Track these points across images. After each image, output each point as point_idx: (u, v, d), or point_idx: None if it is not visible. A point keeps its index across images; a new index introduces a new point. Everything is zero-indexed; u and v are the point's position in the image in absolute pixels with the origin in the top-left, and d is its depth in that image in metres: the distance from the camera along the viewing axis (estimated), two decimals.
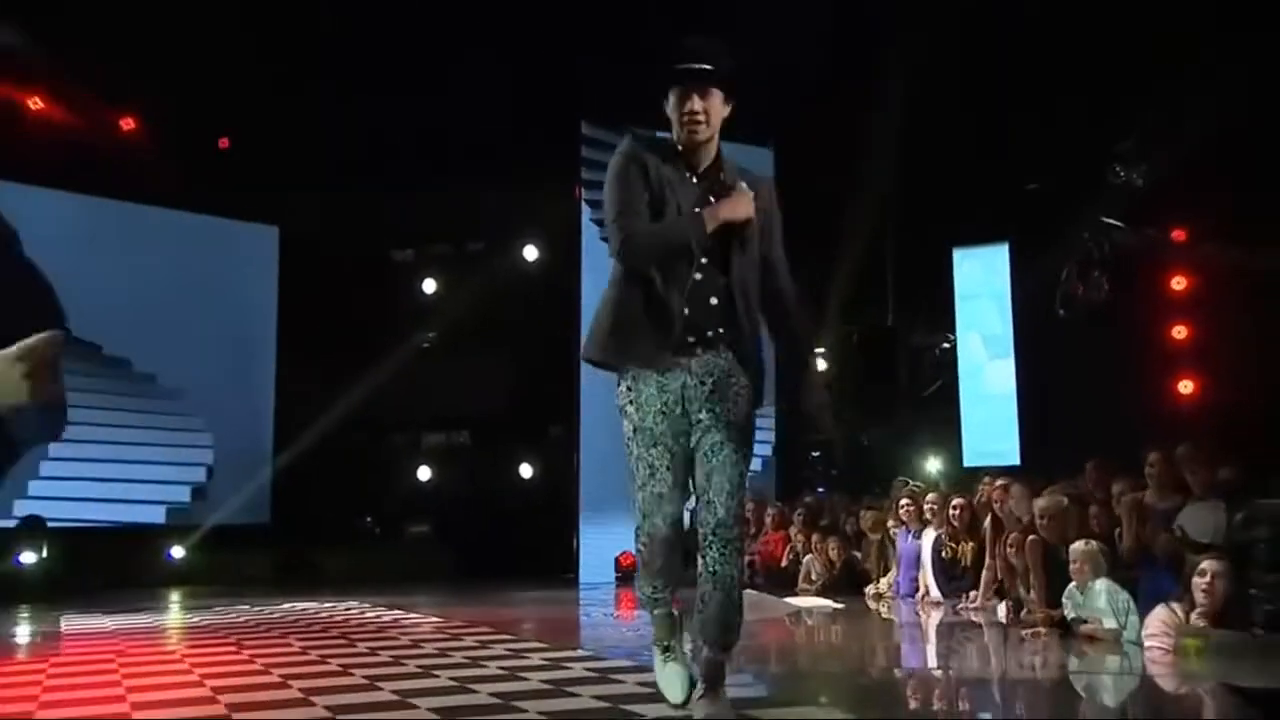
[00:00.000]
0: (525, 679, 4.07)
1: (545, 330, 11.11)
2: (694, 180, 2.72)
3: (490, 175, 10.92)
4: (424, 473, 12.12)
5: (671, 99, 2.66)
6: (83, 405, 10.32)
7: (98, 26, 9.64)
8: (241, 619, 7.32)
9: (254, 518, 11.41)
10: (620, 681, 3.97)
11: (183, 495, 11.33)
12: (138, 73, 10.28)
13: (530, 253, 11.73)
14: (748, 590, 7.77)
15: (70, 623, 7.20)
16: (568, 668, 4.36)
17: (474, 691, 3.75)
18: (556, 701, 3.54)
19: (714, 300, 2.67)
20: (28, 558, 9.77)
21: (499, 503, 11.90)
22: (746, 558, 9.45)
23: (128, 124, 10.78)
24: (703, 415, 2.68)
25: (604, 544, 10.54)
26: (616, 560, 10.49)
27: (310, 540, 11.35)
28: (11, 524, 10.03)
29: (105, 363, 10.69)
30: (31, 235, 1.86)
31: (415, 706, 3.44)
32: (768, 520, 9.64)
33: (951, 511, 7.47)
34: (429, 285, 12.05)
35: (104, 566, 10.32)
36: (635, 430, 2.72)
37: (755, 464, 10.24)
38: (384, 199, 11.06)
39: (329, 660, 4.84)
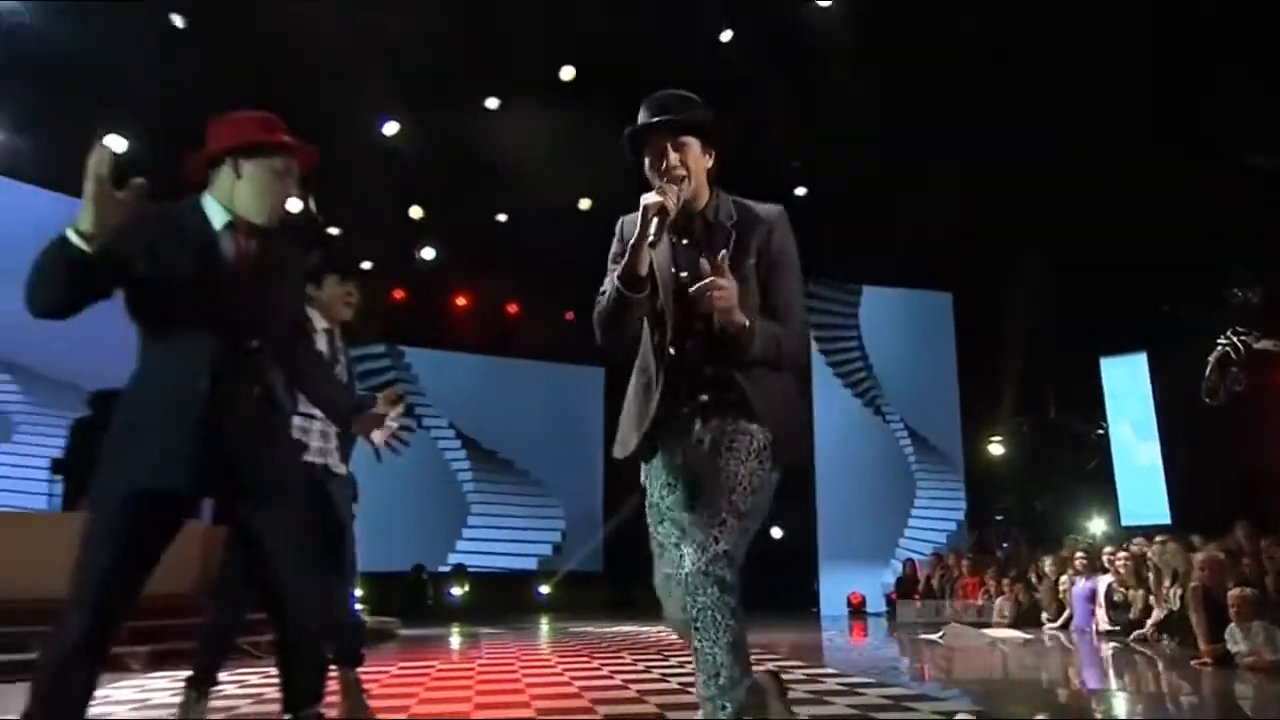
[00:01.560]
0: (789, 690, 4.08)
1: None
2: (672, 238, 2.11)
3: None
4: None
5: (646, 163, 2.12)
6: (486, 492, 13.02)
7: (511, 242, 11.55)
8: (588, 638, 7.99)
9: (592, 566, 12.98)
10: (863, 694, 4.09)
11: (546, 550, 13.08)
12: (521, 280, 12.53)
13: None
14: (952, 624, 8.62)
15: (487, 636, 8.38)
16: (821, 682, 4.56)
17: None
18: (816, 708, 3.67)
19: (705, 366, 2.10)
20: (457, 591, 12.05)
21: (756, 555, 13.13)
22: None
23: (512, 309, 13.13)
24: (701, 473, 2.12)
25: (838, 585, 11.25)
26: (848, 599, 11.20)
27: (631, 580, 12.00)
28: (447, 569, 12.26)
29: (498, 463, 12.86)
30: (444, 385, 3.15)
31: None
32: (964, 568, 10.16)
33: (1120, 561, 7.85)
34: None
35: (500, 599, 12.18)
36: (649, 507, 2.24)
37: (949, 525, 11.65)
38: None
39: (651, 670, 5.27)
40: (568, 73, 9.87)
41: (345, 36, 8.47)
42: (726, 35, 9.65)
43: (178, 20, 8.34)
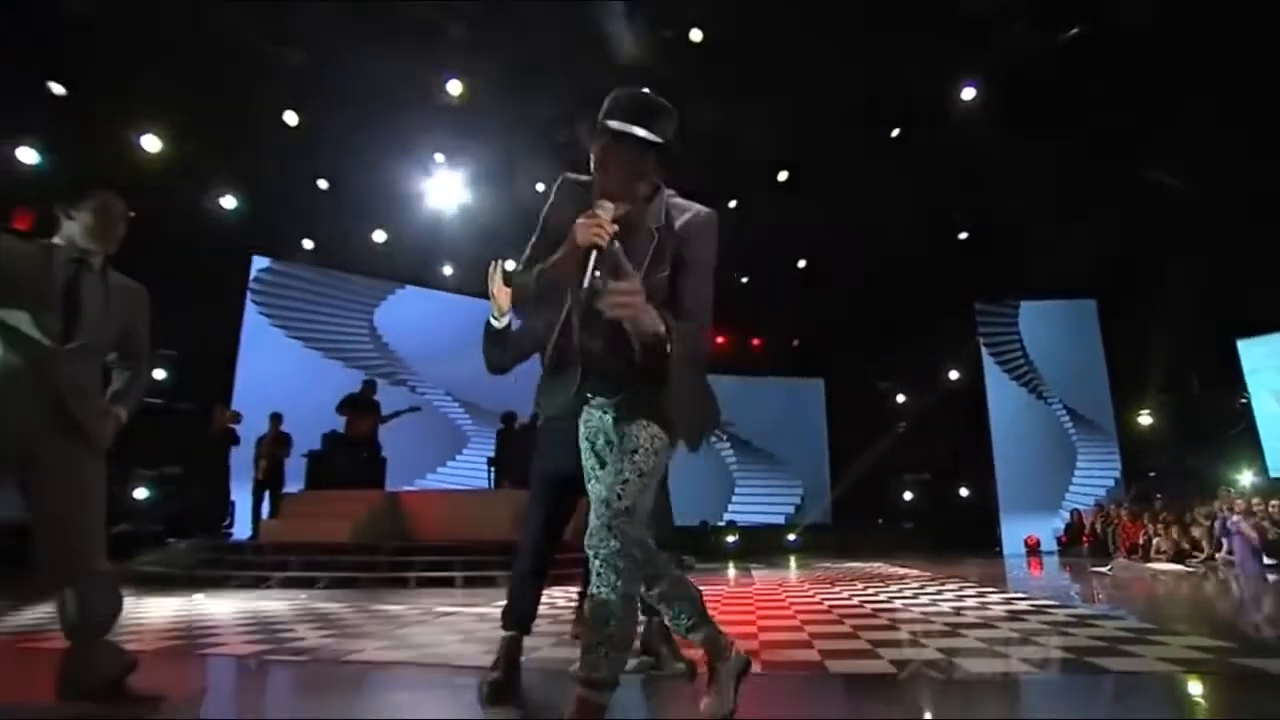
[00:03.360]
0: (988, 610, 4.13)
1: (962, 410, 12.90)
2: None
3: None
4: (907, 495, 14.60)
5: (599, 160, 1.81)
6: (747, 469, 14.87)
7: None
8: (826, 571, 8.26)
9: (824, 520, 14.54)
10: (1050, 613, 4.02)
11: (790, 509, 14.86)
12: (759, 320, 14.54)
13: (953, 374, 13.74)
14: (1119, 559, 9.30)
15: (757, 573, 8.44)
16: (1014, 603, 4.54)
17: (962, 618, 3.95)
18: (1014, 624, 3.52)
19: (608, 345, 1.80)
20: (731, 539, 13.49)
21: (948, 507, 13.81)
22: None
23: (756, 341, 15.18)
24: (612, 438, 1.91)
25: (1016, 529, 12.17)
26: (1025, 540, 11.99)
27: (850, 529, 13.86)
28: (722, 523, 13.94)
29: (753, 450, 14.78)
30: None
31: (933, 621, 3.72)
32: (1124, 515, 10.51)
33: (1272, 507, 8.12)
34: (901, 397, 14.70)
35: (760, 544, 13.42)
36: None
37: (1108, 482, 12.35)
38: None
39: (872, 591, 5.46)
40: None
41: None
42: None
43: None
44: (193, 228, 9.75)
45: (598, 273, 1.71)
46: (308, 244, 11.54)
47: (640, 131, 1.78)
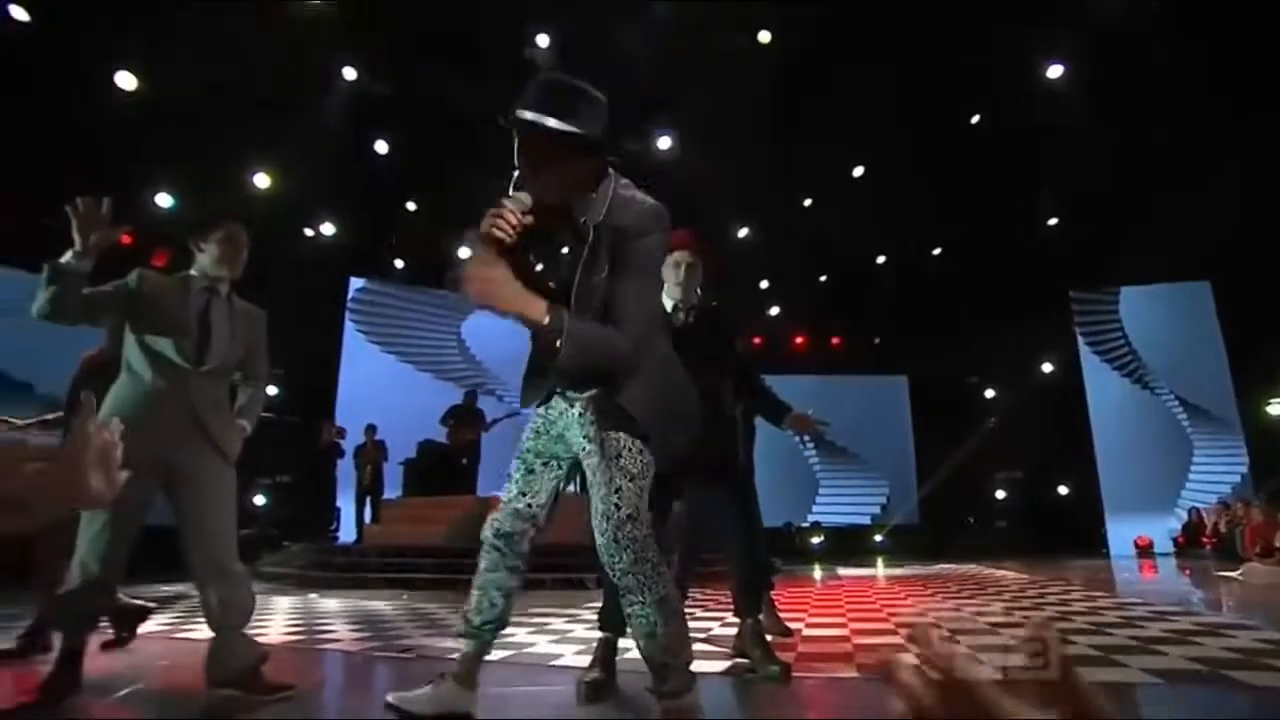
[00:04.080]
0: (1101, 615, 3.84)
1: (1057, 403, 12.34)
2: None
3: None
4: (999, 493, 13.92)
5: (517, 150, 1.71)
6: (830, 470, 14.66)
7: None
8: (916, 575, 7.92)
9: (910, 519, 14.14)
10: (1174, 620, 3.69)
11: (876, 509, 14.48)
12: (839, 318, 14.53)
13: (1046, 367, 13.17)
14: (1252, 562, 8.43)
15: (845, 572, 8.61)
16: (1130, 609, 4.24)
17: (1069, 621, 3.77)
18: (1130, 631, 3.32)
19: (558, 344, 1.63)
20: (816, 539, 13.43)
21: (1045, 509, 12.98)
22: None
23: (835, 340, 14.90)
24: (581, 441, 1.86)
25: (1124, 530, 11.43)
26: (1135, 541, 11.33)
27: (940, 529, 13.31)
28: (806, 524, 13.82)
29: (837, 450, 14.35)
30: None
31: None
32: (1254, 514, 9.41)
33: None
34: (989, 392, 14.12)
35: (845, 544, 13.25)
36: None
37: (1233, 478, 11.33)
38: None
39: (963, 608, 4.77)
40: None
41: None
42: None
43: None
44: (296, 254, 10.46)
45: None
46: (399, 264, 12.20)
47: (551, 122, 1.64)
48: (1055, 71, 9.59)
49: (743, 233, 13.17)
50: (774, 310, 14.35)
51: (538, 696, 2.53)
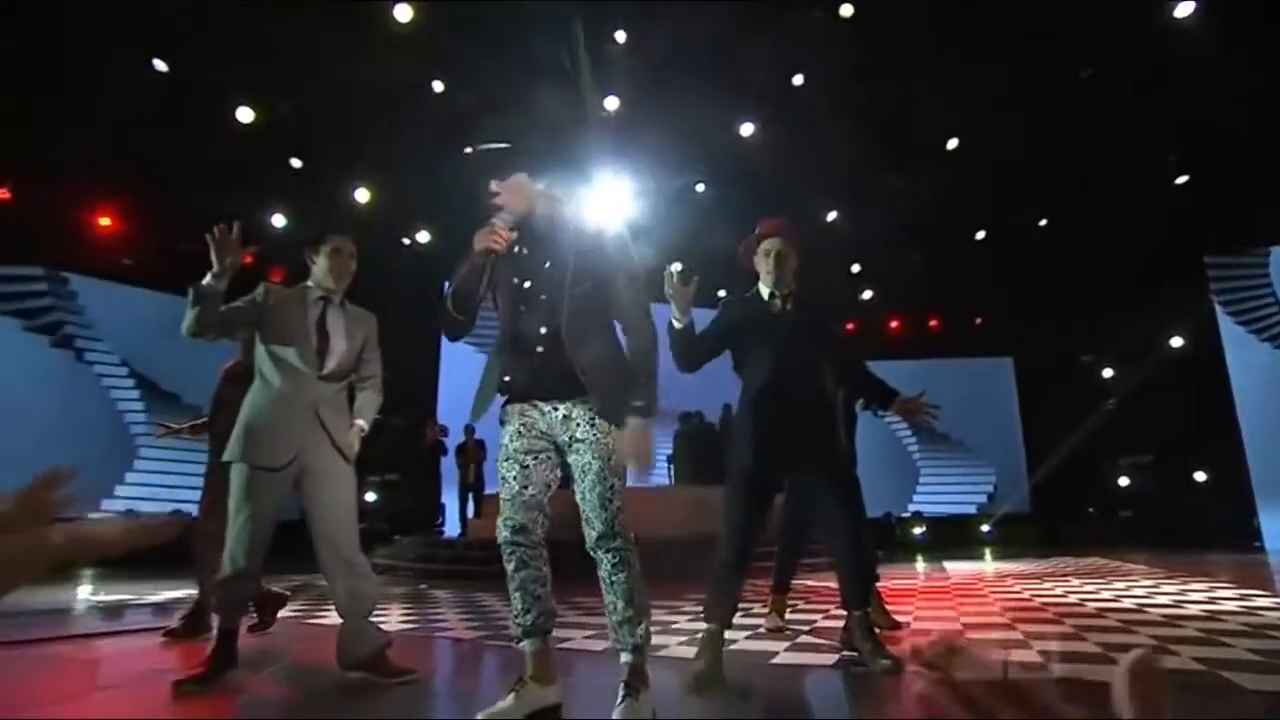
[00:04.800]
0: (1261, 615, 3.50)
1: (1192, 381, 11.23)
2: (517, 248, 2.11)
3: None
4: (1123, 480, 13.01)
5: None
6: (931, 457, 14.02)
7: None
8: (1025, 567, 7.48)
9: (1020, 509, 13.38)
10: None
11: (982, 499, 13.82)
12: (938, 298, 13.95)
13: (1176, 341, 12.06)
14: None
15: (951, 565, 8.15)
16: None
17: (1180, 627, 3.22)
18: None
19: (546, 360, 2.01)
20: (917, 530, 12.50)
21: (1180, 498, 11.86)
22: None
23: (934, 322, 14.42)
24: (566, 439, 2.04)
25: None
26: None
27: (1055, 519, 12.63)
28: (907, 514, 13.06)
29: (938, 436, 13.60)
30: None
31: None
32: None
33: None
34: (1108, 371, 13.19)
35: (952, 537, 12.30)
36: (501, 448, 2.12)
37: None
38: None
39: (1085, 602, 4.28)
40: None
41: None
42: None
43: None
44: (395, 262, 11.02)
45: (527, 283, 2.08)
46: None
47: (484, 146, 2.14)
48: (1184, 9, 8.67)
49: (831, 216, 12.83)
50: (867, 294, 13.88)
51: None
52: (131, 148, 8.86)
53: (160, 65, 8.80)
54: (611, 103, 9.87)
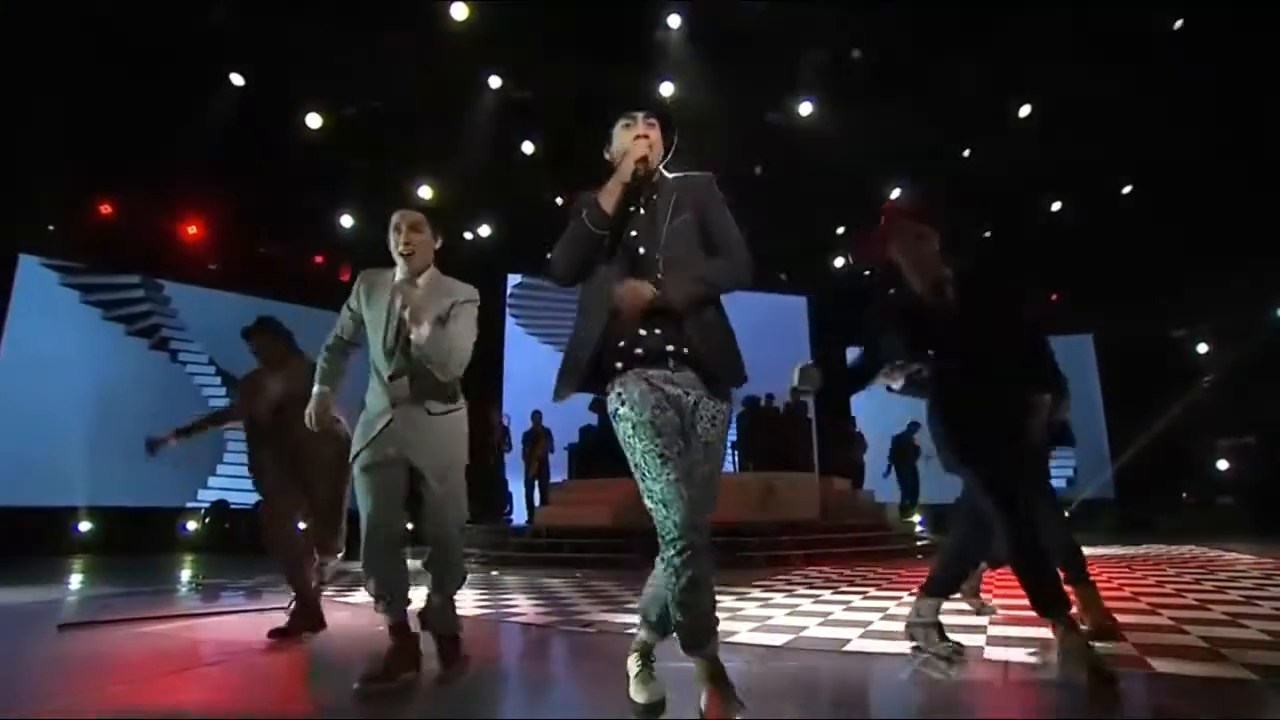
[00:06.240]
0: None
1: None
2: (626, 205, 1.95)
3: None
4: (1222, 464, 12.28)
5: (618, 133, 2.03)
6: None
7: None
8: (1104, 553, 7.07)
9: (1104, 494, 12.72)
10: None
11: (1061, 483, 12.50)
12: None
13: None
14: None
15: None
16: None
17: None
18: None
19: (656, 320, 1.89)
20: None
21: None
22: None
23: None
24: (687, 426, 1.91)
25: None
26: None
27: (1144, 504, 11.91)
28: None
29: None
30: None
31: (1247, 627, 2.91)
32: None
33: None
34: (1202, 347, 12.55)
35: None
36: (634, 427, 1.86)
37: None
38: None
39: (1183, 593, 3.97)
40: None
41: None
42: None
43: None
44: (458, 256, 11.31)
45: (634, 233, 1.98)
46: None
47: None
48: None
49: (894, 194, 12.40)
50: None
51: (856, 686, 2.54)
52: (213, 159, 9.37)
53: (237, 79, 9.24)
54: (666, 88, 9.79)
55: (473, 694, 2.43)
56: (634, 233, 1.97)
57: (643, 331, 1.90)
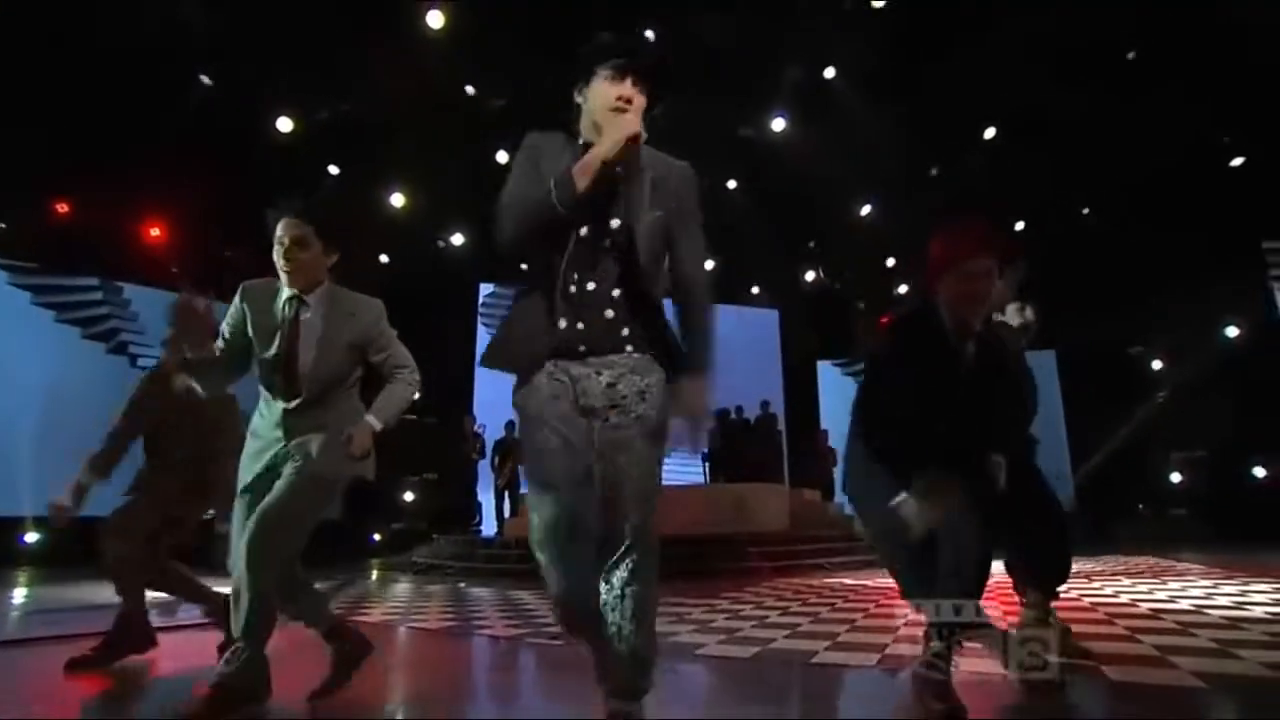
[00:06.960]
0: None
1: (1249, 372, 10.66)
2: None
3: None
4: (1175, 476, 12.45)
5: (599, 85, 1.70)
6: None
7: None
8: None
9: (1065, 507, 13.34)
10: None
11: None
12: None
13: (1231, 331, 11.77)
14: None
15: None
16: None
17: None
18: None
19: (608, 311, 1.69)
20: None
21: (1237, 495, 11.46)
22: None
23: None
24: (601, 408, 1.68)
25: None
26: None
27: (1105, 517, 11.77)
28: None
29: None
30: None
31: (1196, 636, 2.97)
32: None
33: None
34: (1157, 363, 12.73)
35: None
36: (533, 418, 1.72)
37: None
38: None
39: (1137, 603, 4.13)
40: None
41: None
42: None
43: None
44: (429, 264, 11.21)
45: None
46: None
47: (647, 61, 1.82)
48: None
49: (864, 210, 12.65)
50: (902, 289, 13.66)
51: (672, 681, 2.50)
52: (177, 160, 9.18)
53: (205, 80, 9.09)
54: None
55: (436, 706, 2.39)
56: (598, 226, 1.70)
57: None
